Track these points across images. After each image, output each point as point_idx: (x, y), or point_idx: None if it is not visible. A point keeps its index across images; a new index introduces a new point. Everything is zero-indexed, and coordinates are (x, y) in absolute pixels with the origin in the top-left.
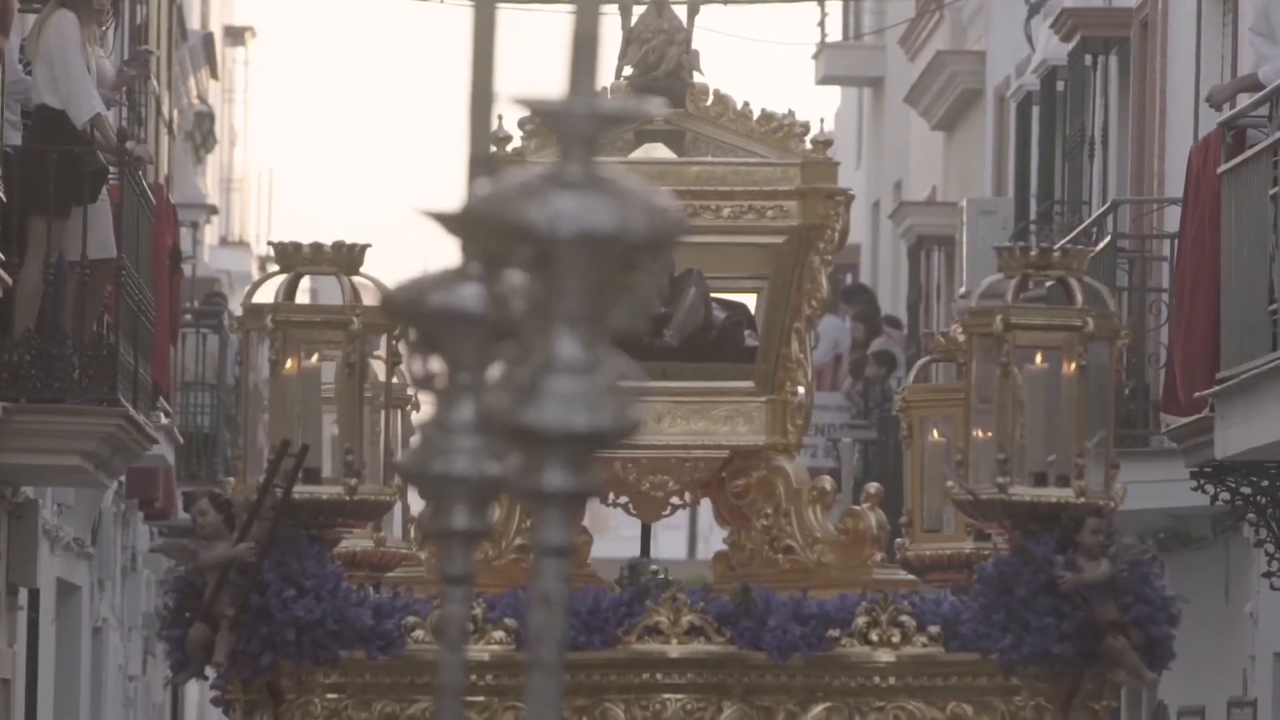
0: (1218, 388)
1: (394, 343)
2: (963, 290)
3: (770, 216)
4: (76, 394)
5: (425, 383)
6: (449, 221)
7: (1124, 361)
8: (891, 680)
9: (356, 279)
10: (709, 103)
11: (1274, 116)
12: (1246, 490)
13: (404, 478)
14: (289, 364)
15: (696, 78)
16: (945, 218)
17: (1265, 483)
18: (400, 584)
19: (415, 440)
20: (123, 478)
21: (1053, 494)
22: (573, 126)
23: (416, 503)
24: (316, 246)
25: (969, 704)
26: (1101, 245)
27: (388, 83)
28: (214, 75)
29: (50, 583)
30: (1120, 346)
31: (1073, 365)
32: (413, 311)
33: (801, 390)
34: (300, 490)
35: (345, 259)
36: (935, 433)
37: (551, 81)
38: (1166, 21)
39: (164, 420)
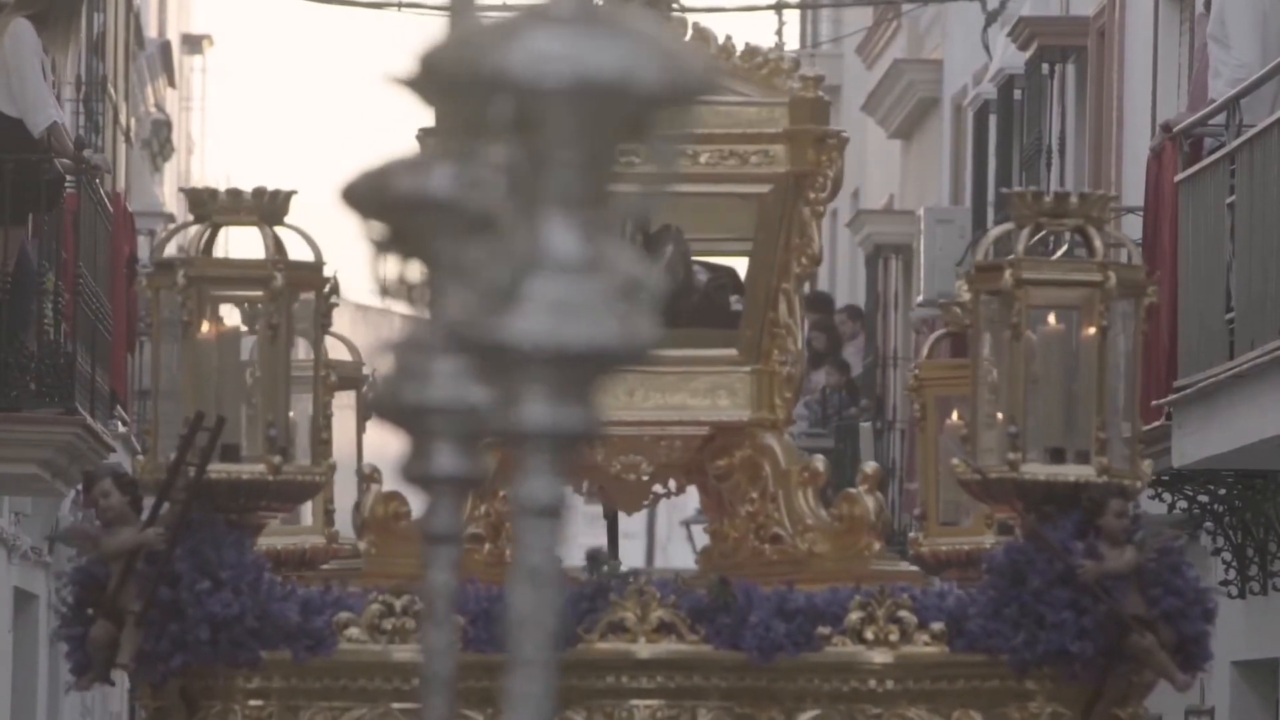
0: (1175, 396)
1: (324, 301)
2: (920, 298)
3: (754, 162)
4: (33, 402)
5: (400, 292)
6: (411, 82)
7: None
8: (889, 684)
9: (280, 230)
10: (689, 37)
11: (1230, 125)
12: (1204, 499)
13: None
14: (204, 326)
15: (677, 7)
16: (903, 226)
17: (1222, 491)
18: (334, 577)
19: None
20: (80, 486)
21: (1071, 472)
22: None
23: (348, 488)
24: (235, 194)
25: (977, 710)
26: (1059, 254)
27: (346, 90)
28: (171, 84)
29: (7, 591)
30: (1147, 304)
31: (1092, 326)
32: (379, 202)
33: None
34: (216, 469)
35: (267, 208)
36: (955, 414)
37: None
38: (1123, 30)
39: (122, 429)
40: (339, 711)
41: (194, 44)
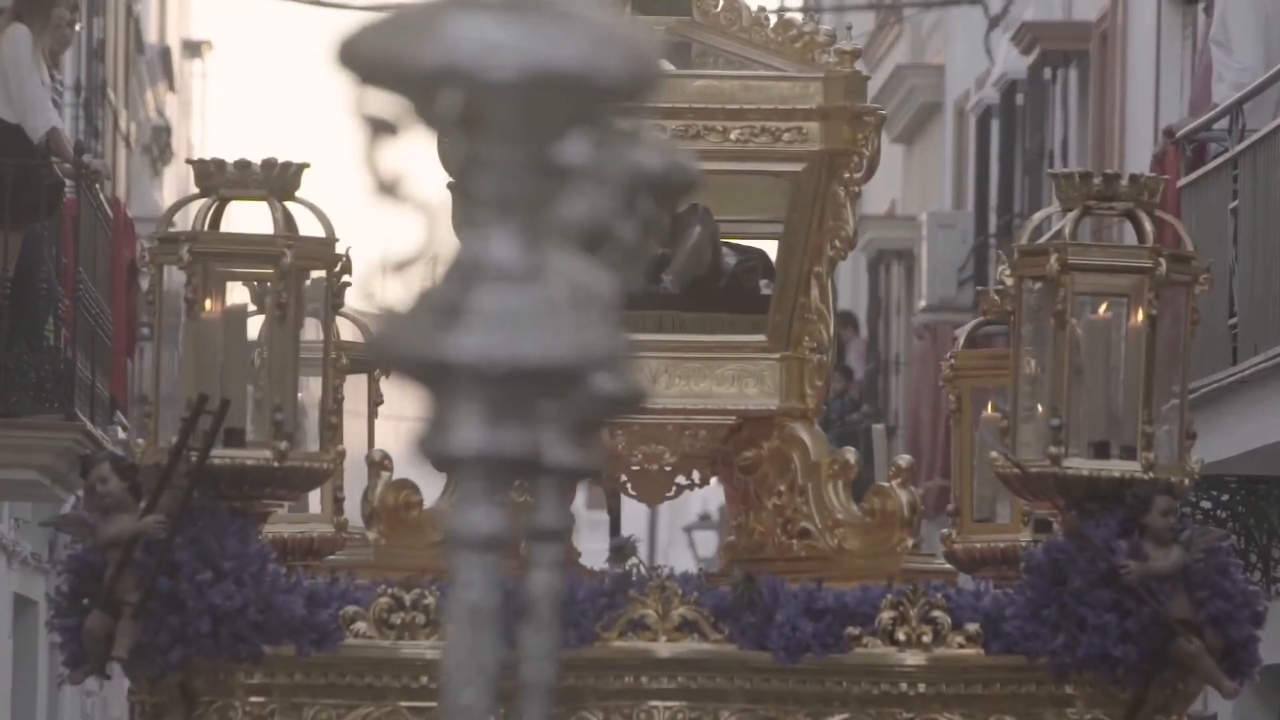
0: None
1: (336, 280)
2: (922, 304)
3: (787, 140)
4: (33, 408)
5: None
6: (341, 68)
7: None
8: (921, 687)
9: (291, 205)
10: (718, 9)
11: (1233, 130)
12: (1207, 504)
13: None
14: (208, 304)
15: None
16: (905, 231)
17: (1226, 496)
18: (341, 569)
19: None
20: (80, 492)
21: (1115, 467)
22: None
23: (358, 474)
24: (243, 165)
25: (1013, 716)
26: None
27: (345, 94)
28: (171, 88)
29: (7, 597)
30: (1199, 293)
31: (1141, 315)
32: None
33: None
34: (220, 454)
35: (277, 181)
36: (990, 406)
37: None
38: (1126, 35)
39: (121, 434)
40: (344, 709)
41: (194, 49)
